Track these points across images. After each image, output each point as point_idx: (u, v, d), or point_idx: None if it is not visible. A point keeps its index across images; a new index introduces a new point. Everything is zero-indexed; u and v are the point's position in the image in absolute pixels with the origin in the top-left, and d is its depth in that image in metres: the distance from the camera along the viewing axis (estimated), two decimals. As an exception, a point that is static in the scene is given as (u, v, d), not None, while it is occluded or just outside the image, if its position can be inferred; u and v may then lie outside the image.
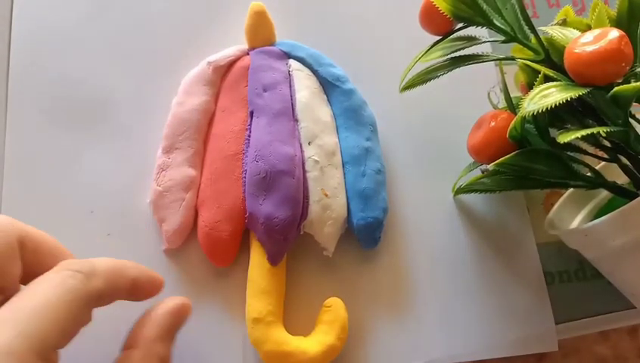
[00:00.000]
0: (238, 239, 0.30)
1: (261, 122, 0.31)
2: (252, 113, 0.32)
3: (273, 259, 0.29)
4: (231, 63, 0.33)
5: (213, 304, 0.30)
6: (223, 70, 0.33)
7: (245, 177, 0.30)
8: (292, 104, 0.32)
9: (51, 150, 0.32)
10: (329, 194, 0.30)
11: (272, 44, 0.34)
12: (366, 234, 0.30)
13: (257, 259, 0.29)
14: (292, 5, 0.37)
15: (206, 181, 0.31)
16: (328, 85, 0.33)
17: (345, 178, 0.31)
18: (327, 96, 0.33)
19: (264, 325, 0.28)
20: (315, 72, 0.33)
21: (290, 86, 0.33)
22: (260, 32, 0.34)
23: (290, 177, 0.29)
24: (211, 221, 0.30)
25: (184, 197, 0.30)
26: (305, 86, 0.32)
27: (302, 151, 0.31)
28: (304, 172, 0.31)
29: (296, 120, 0.32)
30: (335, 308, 0.29)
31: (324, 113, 0.32)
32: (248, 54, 0.34)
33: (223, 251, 0.30)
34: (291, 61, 0.34)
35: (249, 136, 0.31)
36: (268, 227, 0.29)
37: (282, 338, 0.28)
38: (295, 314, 0.30)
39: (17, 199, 0.31)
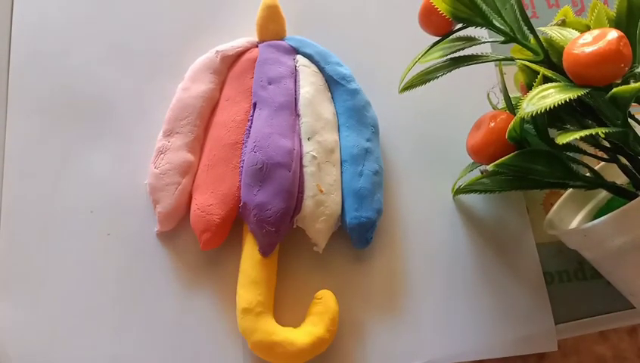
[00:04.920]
0: (229, 224, 0.30)
1: (263, 114, 0.31)
2: (255, 105, 0.32)
3: (264, 250, 0.29)
4: (240, 54, 0.34)
5: (205, 293, 0.30)
6: (231, 60, 0.34)
7: (242, 166, 0.30)
8: (295, 99, 0.32)
9: (51, 150, 0.33)
10: (324, 191, 0.30)
11: (282, 38, 0.35)
12: (358, 233, 0.31)
13: (249, 250, 0.30)
14: (304, 2, 0.37)
15: (204, 166, 0.31)
16: (333, 83, 0.33)
17: (342, 176, 0.31)
18: (331, 94, 0.34)
19: (253, 315, 0.28)
20: (321, 69, 0.34)
21: (295, 81, 0.33)
22: (271, 26, 0.34)
23: (287, 170, 0.30)
24: (203, 204, 0.30)
25: (180, 181, 0.31)
26: (310, 82, 0.33)
27: (301, 146, 0.31)
28: (301, 166, 0.31)
29: (297, 115, 0.32)
30: (325, 300, 0.29)
31: (326, 110, 0.33)
32: (257, 46, 0.34)
33: (212, 234, 0.30)
34: (299, 57, 0.34)
35: (250, 127, 0.31)
36: (260, 217, 0.29)
37: (271, 328, 0.28)
38: (286, 306, 0.30)
39: (17, 199, 0.31)
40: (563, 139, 0.23)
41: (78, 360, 0.29)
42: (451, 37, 0.30)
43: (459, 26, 0.29)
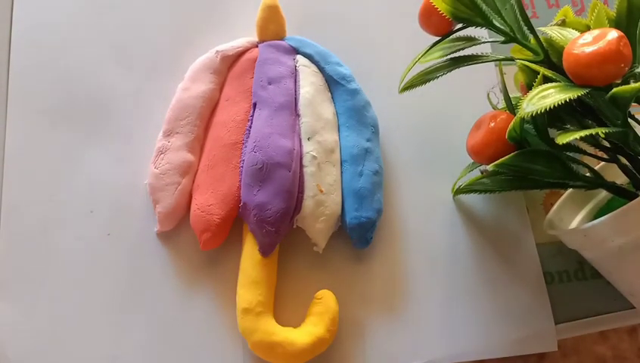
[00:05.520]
0: (229, 224, 0.30)
1: (263, 114, 0.31)
2: (255, 105, 0.32)
3: (264, 250, 0.29)
4: (240, 54, 0.34)
5: (205, 292, 0.30)
6: (231, 60, 0.34)
7: (242, 166, 0.30)
8: (295, 99, 0.32)
9: (51, 150, 0.33)
10: (324, 191, 0.30)
11: (282, 38, 0.35)
12: (358, 233, 0.31)
13: (249, 249, 0.30)
14: (304, 2, 0.37)
15: (204, 166, 0.31)
16: (333, 83, 0.33)
17: (342, 176, 0.32)
18: (331, 94, 0.34)
19: (253, 315, 0.28)
20: (321, 69, 0.34)
21: (295, 81, 0.33)
22: (271, 26, 0.34)
23: (287, 170, 0.30)
24: (203, 204, 0.30)
25: (180, 181, 0.31)
26: (310, 82, 0.33)
27: (300, 146, 0.31)
28: (301, 166, 0.31)
29: (297, 115, 0.32)
30: (326, 300, 0.29)
31: (326, 110, 0.33)
32: (257, 46, 0.34)
33: (212, 234, 0.30)
34: (299, 57, 0.34)
35: (250, 127, 0.32)
36: (260, 217, 0.29)
37: (271, 328, 0.28)
38: (286, 306, 0.30)
39: (17, 199, 0.31)
40: (563, 139, 0.23)
41: (78, 360, 0.29)
42: (451, 37, 0.30)
43: (459, 26, 0.29)
